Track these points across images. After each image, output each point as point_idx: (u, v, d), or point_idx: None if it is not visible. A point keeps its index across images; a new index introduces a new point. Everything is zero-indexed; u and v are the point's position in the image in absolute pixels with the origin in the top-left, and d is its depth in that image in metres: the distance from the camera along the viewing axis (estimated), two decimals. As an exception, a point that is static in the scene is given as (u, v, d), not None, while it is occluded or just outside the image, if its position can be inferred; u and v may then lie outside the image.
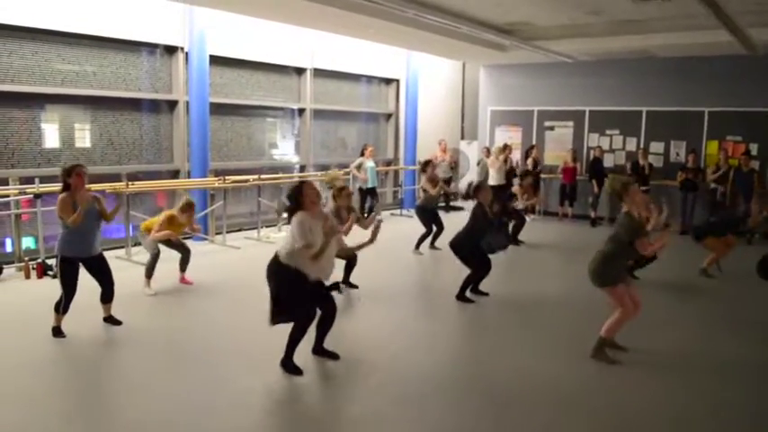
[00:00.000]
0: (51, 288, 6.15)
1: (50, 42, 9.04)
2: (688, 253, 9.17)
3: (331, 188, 7.46)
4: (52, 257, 8.15)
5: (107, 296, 6.05)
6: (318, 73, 13.16)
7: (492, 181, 12.35)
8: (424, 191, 10.02)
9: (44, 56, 9.01)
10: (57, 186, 8.40)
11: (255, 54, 11.71)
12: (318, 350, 5.35)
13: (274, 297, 4.93)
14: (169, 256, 7.74)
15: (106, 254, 6.18)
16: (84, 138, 9.79)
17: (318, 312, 5.16)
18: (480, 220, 7.18)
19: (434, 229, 9.91)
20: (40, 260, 7.95)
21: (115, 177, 9.62)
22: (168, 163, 10.79)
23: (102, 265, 5.97)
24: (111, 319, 6.11)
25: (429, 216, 9.94)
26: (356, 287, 7.65)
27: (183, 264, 7.73)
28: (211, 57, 10.52)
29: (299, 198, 4.90)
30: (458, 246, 7.26)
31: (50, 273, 7.92)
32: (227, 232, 10.41)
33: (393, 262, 9.42)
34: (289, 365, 5.03)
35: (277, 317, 4.96)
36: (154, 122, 10.62)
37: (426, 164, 10.30)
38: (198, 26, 10.16)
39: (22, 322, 6.18)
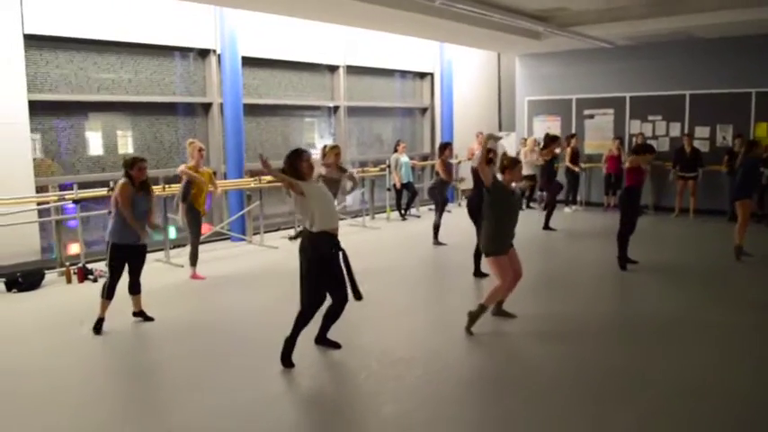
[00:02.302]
0: (92, 292, 6.27)
1: (85, 51, 9.18)
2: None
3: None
4: (92, 262, 8.41)
5: (134, 287, 6.18)
6: (351, 70, 13.10)
7: (526, 170, 12.07)
8: (437, 174, 9.95)
9: (79, 64, 9.15)
10: (98, 192, 8.61)
11: (287, 54, 11.71)
12: (321, 339, 5.39)
13: (304, 274, 5.02)
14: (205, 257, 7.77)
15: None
16: (121, 144, 9.92)
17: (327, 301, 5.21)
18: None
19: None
20: (80, 265, 8.08)
21: (153, 181, 9.70)
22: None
23: (141, 255, 6.17)
24: (141, 314, 6.23)
25: (438, 196, 9.91)
26: None
27: (193, 258, 7.94)
28: (244, 58, 10.56)
29: (297, 167, 4.98)
30: (473, 208, 7.59)
31: (91, 277, 8.06)
32: (265, 232, 10.43)
33: (428, 256, 9.31)
34: (285, 359, 5.03)
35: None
36: (190, 126, 10.72)
37: (444, 147, 10.08)
38: (229, 28, 10.19)
39: (62, 325, 6.27)
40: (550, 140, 11.20)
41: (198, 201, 7.90)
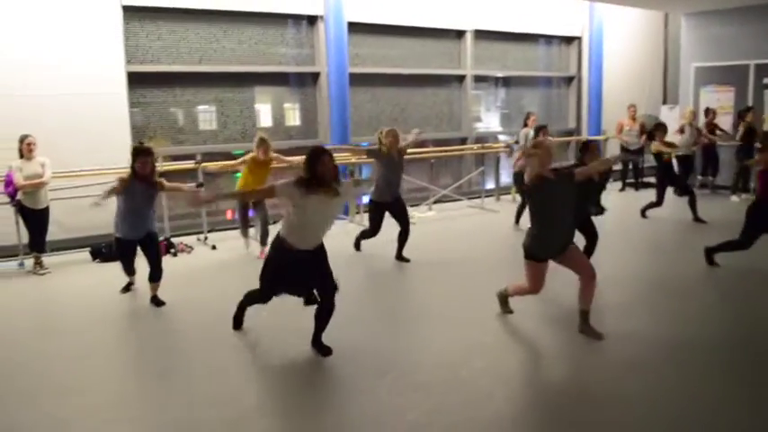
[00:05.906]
0: (171, 266, 6.70)
1: (186, 21, 9.06)
2: None
3: None
4: (176, 236, 8.38)
5: (153, 276, 6.07)
6: (480, 35, 11.91)
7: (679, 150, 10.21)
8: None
9: (181, 35, 9.06)
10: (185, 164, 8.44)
11: (404, 18, 10.85)
12: (314, 342, 4.82)
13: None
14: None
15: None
16: (231, 116, 9.76)
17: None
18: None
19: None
20: (162, 238, 7.98)
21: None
22: (313, 138, 10.44)
23: (151, 246, 6.03)
24: (155, 299, 6.07)
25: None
26: (408, 260, 7.45)
27: (264, 237, 7.59)
28: (357, 24, 10.06)
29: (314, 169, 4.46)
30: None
31: (172, 251, 8.00)
32: (365, 212, 9.76)
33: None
34: (236, 316, 5.27)
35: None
36: (299, 96, 10.34)
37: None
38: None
39: (97, 301, 6.28)
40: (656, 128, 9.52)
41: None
